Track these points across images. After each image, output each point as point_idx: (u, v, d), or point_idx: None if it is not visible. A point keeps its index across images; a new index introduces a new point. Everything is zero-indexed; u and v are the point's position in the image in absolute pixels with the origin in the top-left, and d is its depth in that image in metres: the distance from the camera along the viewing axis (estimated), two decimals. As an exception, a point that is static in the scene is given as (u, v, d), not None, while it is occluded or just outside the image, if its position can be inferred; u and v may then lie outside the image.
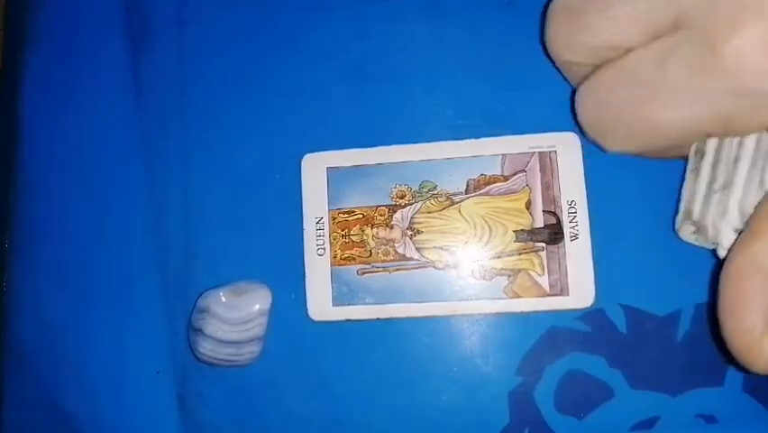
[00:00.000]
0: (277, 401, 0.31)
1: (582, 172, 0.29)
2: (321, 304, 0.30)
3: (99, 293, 0.33)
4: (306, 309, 0.30)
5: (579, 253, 0.29)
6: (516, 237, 0.29)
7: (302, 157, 0.31)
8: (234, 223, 0.31)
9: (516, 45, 0.31)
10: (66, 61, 0.34)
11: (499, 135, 0.30)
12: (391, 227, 0.30)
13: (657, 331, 0.29)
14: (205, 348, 0.30)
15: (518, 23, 0.31)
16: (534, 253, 0.29)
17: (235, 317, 0.29)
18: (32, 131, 0.34)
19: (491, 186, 0.29)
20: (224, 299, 0.30)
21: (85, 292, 0.33)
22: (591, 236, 0.29)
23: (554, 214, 0.29)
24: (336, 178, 0.30)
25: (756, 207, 0.22)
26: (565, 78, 0.28)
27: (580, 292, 0.29)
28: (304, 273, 0.30)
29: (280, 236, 0.31)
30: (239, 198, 0.31)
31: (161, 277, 0.32)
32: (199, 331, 0.30)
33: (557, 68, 0.28)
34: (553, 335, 0.29)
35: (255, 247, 0.31)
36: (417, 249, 0.30)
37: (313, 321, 0.30)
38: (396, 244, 0.30)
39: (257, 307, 0.30)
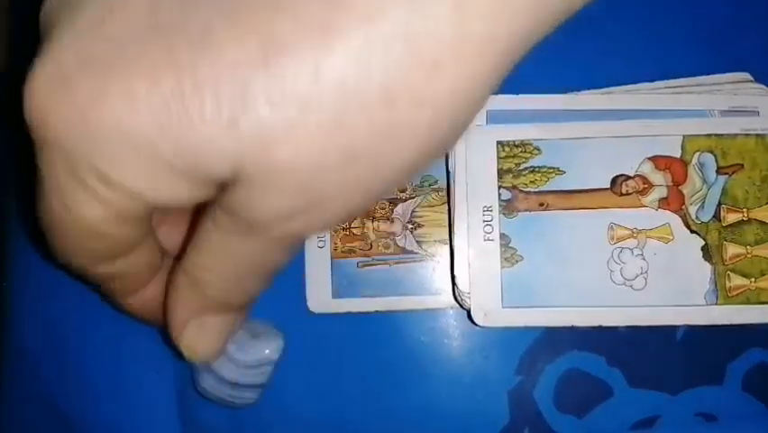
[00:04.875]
0: (276, 401, 0.31)
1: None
2: (321, 296, 0.30)
3: (99, 293, 0.33)
4: (306, 302, 0.30)
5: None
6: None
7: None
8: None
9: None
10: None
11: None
12: (392, 221, 0.30)
13: (656, 330, 0.29)
14: (207, 383, 0.29)
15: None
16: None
17: (243, 359, 0.29)
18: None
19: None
20: (236, 337, 0.29)
21: (85, 292, 0.33)
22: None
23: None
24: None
25: None
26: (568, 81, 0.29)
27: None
28: (304, 265, 0.30)
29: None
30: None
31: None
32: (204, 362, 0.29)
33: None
34: (553, 333, 0.29)
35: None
36: (418, 242, 0.30)
37: (312, 313, 0.30)
38: (396, 238, 0.30)
39: (266, 352, 0.29)
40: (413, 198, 0.30)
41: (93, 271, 0.20)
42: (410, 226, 0.30)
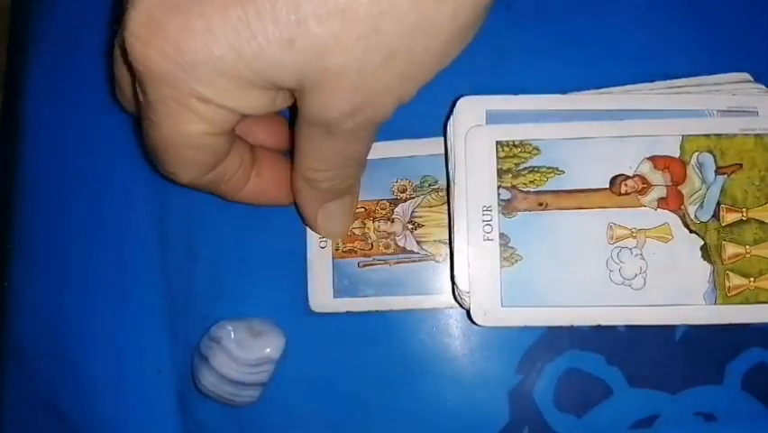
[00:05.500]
0: (276, 400, 0.31)
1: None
2: (322, 296, 0.30)
3: (100, 293, 0.33)
4: (307, 301, 0.30)
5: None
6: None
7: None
8: (236, 221, 0.32)
9: (514, 48, 0.31)
10: (68, 63, 0.35)
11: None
12: (392, 221, 0.30)
13: (656, 329, 0.29)
14: (208, 381, 0.29)
15: (517, 26, 0.31)
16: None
17: (244, 357, 0.29)
18: (35, 131, 0.35)
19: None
20: (237, 335, 0.29)
21: (85, 292, 0.33)
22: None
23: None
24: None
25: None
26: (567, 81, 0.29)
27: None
28: (305, 266, 0.30)
29: (282, 231, 0.31)
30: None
31: (163, 276, 0.32)
32: (205, 360, 0.29)
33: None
34: (552, 333, 0.29)
35: (257, 244, 0.31)
36: (418, 242, 0.30)
37: (313, 312, 0.30)
38: (396, 238, 0.30)
39: (267, 351, 0.29)
40: (413, 198, 0.30)
41: (200, 181, 0.25)
42: (410, 227, 0.30)
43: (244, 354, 0.29)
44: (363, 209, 0.30)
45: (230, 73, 0.19)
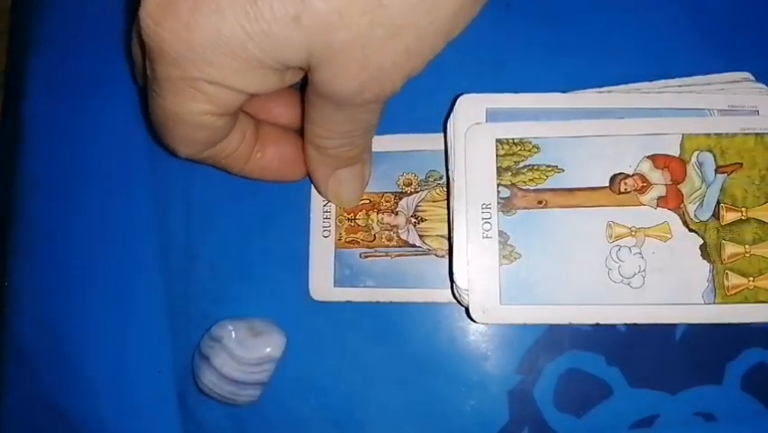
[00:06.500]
0: (276, 400, 0.31)
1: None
2: (323, 284, 0.30)
3: (100, 293, 0.33)
4: (307, 297, 0.30)
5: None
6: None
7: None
8: (236, 221, 0.32)
9: (514, 47, 0.31)
10: (68, 63, 0.35)
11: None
12: (396, 214, 0.30)
13: (656, 329, 0.29)
14: (209, 380, 0.29)
15: (517, 25, 0.31)
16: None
17: (245, 356, 0.29)
18: (35, 131, 0.35)
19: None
20: (238, 335, 0.29)
21: (85, 292, 0.33)
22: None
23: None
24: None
25: None
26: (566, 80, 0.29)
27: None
28: (305, 262, 0.31)
29: (282, 230, 0.31)
30: (242, 195, 0.32)
31: (163, 276, 0.32)
32: (206, 359, 0.29)
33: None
34: (553, 332, 0.29)
35: (257, 243, 0.31)
36: (420, 236, 0.30)
37: (313, 300, 0.30)
38: (399, 231, 0.30)
39: (267, 350, 0.29)
40: (417, 192, 0.30)
41: (200, 156, 0.25)
42: (413, 220, 0.30)
43: (245, 353, 0.29)
44: (368, 201, 0.31)
45: (238, 53, 0.20)
